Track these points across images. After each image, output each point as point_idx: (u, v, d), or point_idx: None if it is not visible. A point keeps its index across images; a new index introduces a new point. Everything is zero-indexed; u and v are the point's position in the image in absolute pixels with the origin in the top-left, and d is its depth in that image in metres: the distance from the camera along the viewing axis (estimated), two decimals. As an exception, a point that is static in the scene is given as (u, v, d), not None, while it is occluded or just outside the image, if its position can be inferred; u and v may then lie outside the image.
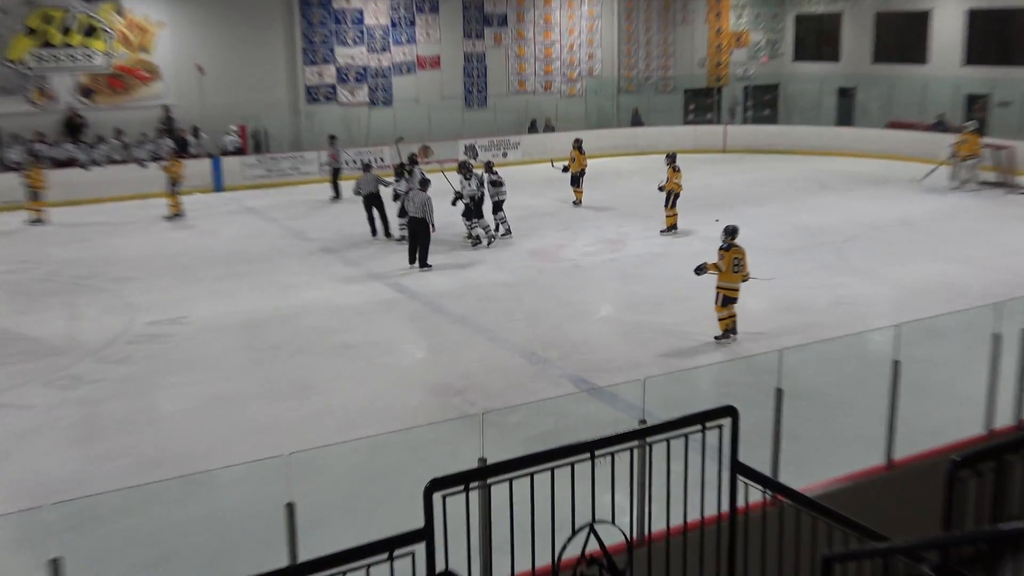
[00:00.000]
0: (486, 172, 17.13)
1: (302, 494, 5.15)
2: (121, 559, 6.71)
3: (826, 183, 22.61)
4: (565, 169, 20.57)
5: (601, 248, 16.21)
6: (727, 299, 11.13)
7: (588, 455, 4.42)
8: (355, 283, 14.21)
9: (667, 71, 31.62)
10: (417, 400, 9.56)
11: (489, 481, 4.41)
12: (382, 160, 24.45)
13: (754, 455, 5.29)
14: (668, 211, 17.28)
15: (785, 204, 19.97)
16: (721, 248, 11.24)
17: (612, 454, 4.52)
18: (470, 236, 16.53)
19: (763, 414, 6.23)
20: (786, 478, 5.82)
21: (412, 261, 14.95)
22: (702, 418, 4.72)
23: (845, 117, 30.15)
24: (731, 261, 11.06)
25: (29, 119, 22.70)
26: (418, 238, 14.90)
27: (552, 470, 4.36)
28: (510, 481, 4.30)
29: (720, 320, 11.20)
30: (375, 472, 7.59)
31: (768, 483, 5.06)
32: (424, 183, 15.47)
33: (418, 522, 4.05)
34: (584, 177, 20.62)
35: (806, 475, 6.27)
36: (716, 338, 11.17)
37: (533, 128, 28.74)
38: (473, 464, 4.73)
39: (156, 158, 22.59)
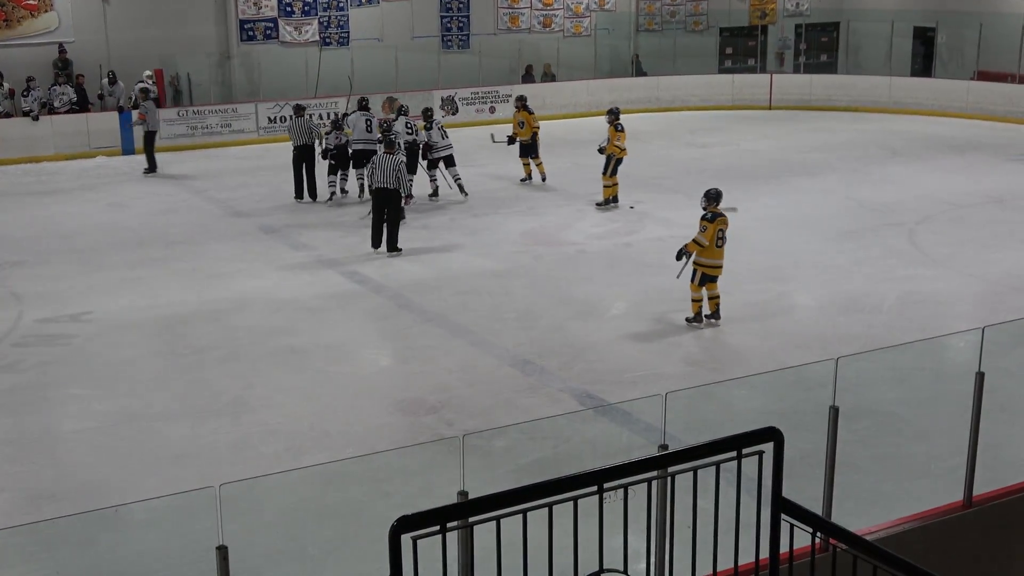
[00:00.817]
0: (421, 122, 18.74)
1: (236, 535, 5.23)
2: (7, 617, 6.79)
3: (897, 149, 22.79)
4: (512, 140, 19.83)
5: (612, 230, 16.31)
6: (706, 277, 11.68)
7: (595, 488, 4.49)
8: (304, 271, 14.28)
9: (698, 5, 31.73)
10: (381, 419, 9.64)
11: (471, 520, 4.48)
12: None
13: (802, 489, 5.37)
14: (607, 180, 17.68)
15: (845, 175, 20.13)
16: (704, 218, 11.65)
17: (625, 487, 4.58)
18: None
19: (814, 439, 6.32)
20: (840, 518, 5.92)
21: (377, 244, 15.02)
22: (738, 443, 4.79)
23: (922, 66, 30.30)
24: (715, 233, 11.53)
25: None
26: (386, 214, 14.94)
27: (550, 507, 4.43)
28: (497, 520, 4.37)
29: (694, 301, 11.78)
30: (328, 509, 7.67)
31: (818, 523, 5.13)
32: (391, 144, 15.54)
33: (383, 571, 4.13)
34: (539, 143, 19.70)
35: (865, 514, 6.39)
36: (688, 320, 11.83)
37: (529, 76, 28.79)
38: (451, 499, 4.82)
39: (50, 110, 22.62)
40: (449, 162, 18.45)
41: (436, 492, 5.21)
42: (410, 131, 18.39)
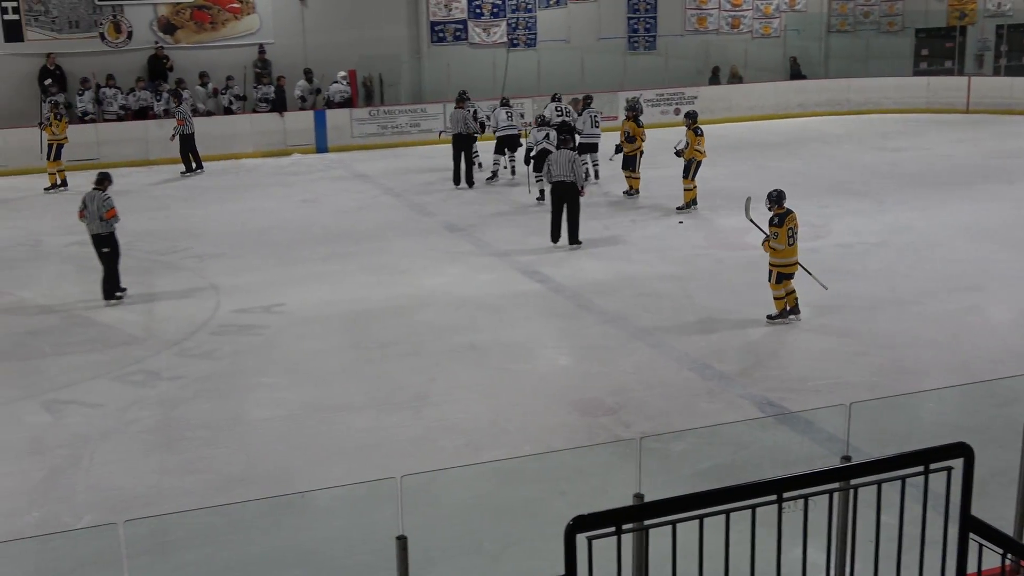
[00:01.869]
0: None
1: (415, 526, 5.34)
2: (197, 593, 7.10)
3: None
4: (619, 150, 19.06)
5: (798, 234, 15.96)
6: (782, 276, 11.87)
7: (774, 497, 4.42)
8: (485, 270, 14.47)
9: (893, 5, 30.76)
10: (558, 419, 9.69)
11: (646, 523, 4.46)
12: (522, 116, 24.73)
13: (992, 509, 5.17)
14: (687, 183, 17.43)
15: (1048, 183, 19.21)
16: (773, 224, 11.81)
17: (805, 497, 4.50)
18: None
19: (1006, 456, 6.08)
20: (1034, 540, 5.67)
21: (556, 238, 15.13)
22: (925, 458, 4.65)
23: None
24: (787, 233, 11.71)
25: (103, 59, 23.98)
26: (565, 208, 15.05)
27: (727, 514, 4.38)
28: (673, 525, 4.35)
29: (776, 299, 11.93)
30: (504, 505, 7.75)
31: (1010, 545, 4.94)
32: (565, 140, 15.71)
33: (556, 569, 4.15)
34: (639, 158, 18.76)
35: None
36: (769, 317, 11.94)
37: (715, 78, 28.47)
38: (627, 501, 4.80)
39: (254, 109, 23.57)
40: (591, 149, 19.74)
41: (611, 493, 5.20)
42: (560, 113, 20.29)
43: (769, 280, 12.02)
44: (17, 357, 11.55)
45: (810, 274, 12.32)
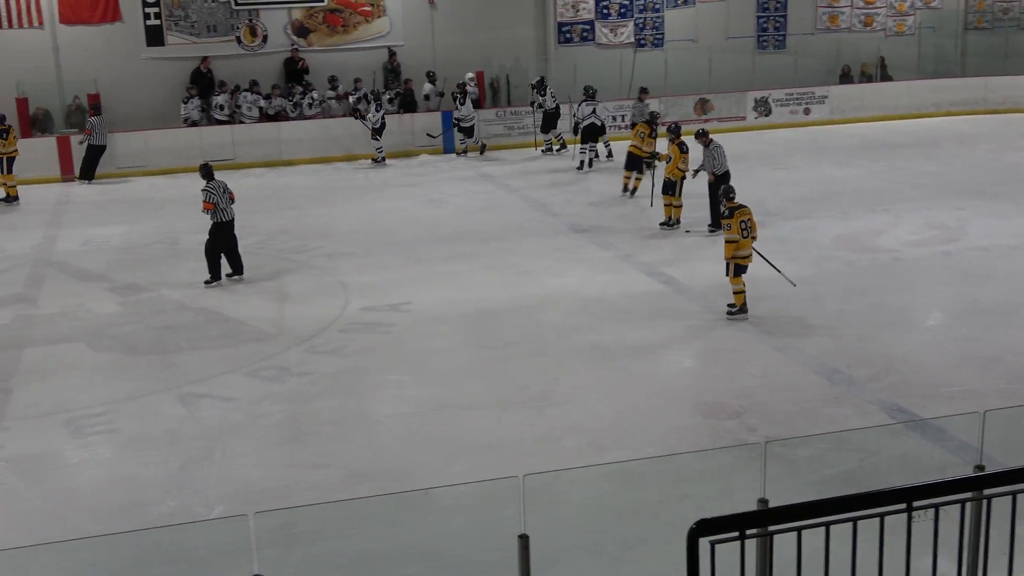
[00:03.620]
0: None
1: (536, 525, 5.35)
2: (323, 586, 7.23)
3: None
4: (649, 165, 18.58)
5: (932, 236, 15.57)
6: (740, 268, 12.16)
7: (904, 506, 4.32)
8: (609, 270, 14.43)
9: (1035, 0, 29.75)
10: (682, 421, 9.62)
11: (771, 529, 4.41)
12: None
13: None
14: (674, 200, 16.56)
15: None
16: (723, 216, 12.42)
17: (936, 507, 4.39)
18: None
19: None
20: None
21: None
22: (1063, 469, 4.50)
23: None
24: (739, 225, 12.04)
25: (240, 62, 24.62)
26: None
27: (855, 521, 4.30)
28: (798, 531, 4.28)
29: (736, 293, 12.20)
30: (626, 506, 7.72)
31: None
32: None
33: (678, 572, 4.12)
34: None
35: None
36: (729, 314, 12.18)
37: (846, 77, 27.90)
38: (751, 506, 4.75)
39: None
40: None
41: (735, 498, 5.15)
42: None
43: (727, 273, 12.24)
44: (155, 351, 11.93)
45: (778, 271, 12.58)
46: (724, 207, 12.37)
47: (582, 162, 22.12)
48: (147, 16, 24.31)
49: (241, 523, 5.56)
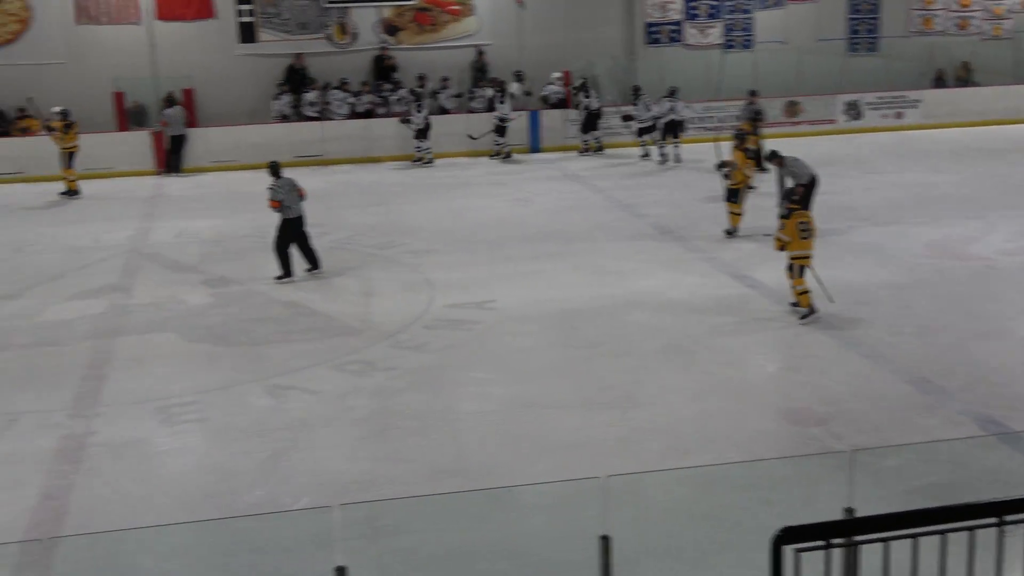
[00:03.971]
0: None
1: (618, 526, 5.36)
2: (404, 579, 7.31)
3: None
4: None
5: (1028, 244, 15.26)
6: (802, 269, 12.22)
7: (995, 521, 4.26)
8: (695, 272, 14.35)
9: None
10: (766, 426, 9.54)
11: (857, 539, 4.37)
12: (736, 119, 24.41)
13: None
14: (736, 207, 16.22)
15: None
16: (781, 216, 12.39)
17: (1029, 522, 4.32)
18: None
19: None
20: None
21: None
22: None
23: None
24: (796, 227, 12.10)
25: (331, 60, 24.93)
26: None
27: (943, 534, 4.24)
28: (885, 542, 4.24)
29: (800, 294, 12.21)
30: (708, 510, 7.70)
31: None
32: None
33: (762, 579, 4.11)
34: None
35: None
36: (801, 319, 12.15)
37: (940, 82, 27.40)
38: (836, 515, 4.71)
39: (470, 109, 24.08)
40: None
41: (819, 506, 5.11)
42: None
43: (789, 273, 12.29)
44: (244, 343, 12.15)
45: (820, 283, 12.29)
46: (784, 207, 12.44)
47: (664, 156, 22.51)
48: (240, 13, 24.75)
49: (325, 514, 5.67)
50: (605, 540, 5.29)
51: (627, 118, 23.71)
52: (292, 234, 14.39)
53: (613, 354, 11.37)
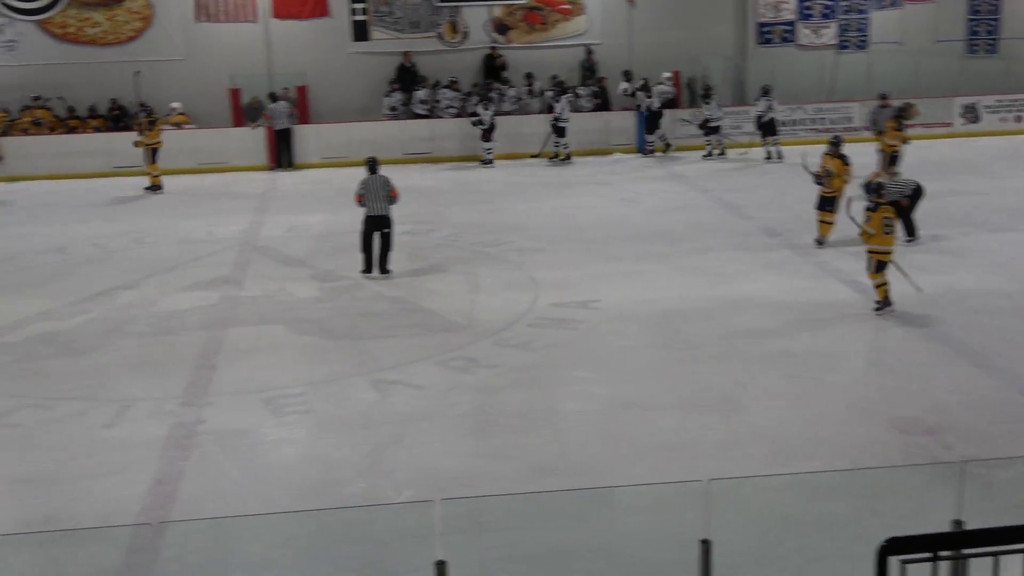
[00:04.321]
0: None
1: (719, 531, 5.32)
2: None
3: None
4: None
5: None
6: (881, 264, 12.30)
7: (1113, 538, 4.13)
8: (804, 277, 14.14)
9: None
10: (873, 434, 9.35)
11: (965, 552, 4.27)
12: (849, 120, 24.06)
13: None
14: (830, 216, 15.66)
15: None
16: (868, 209, 12.39)
17: None
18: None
19: None
20: None
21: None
22: None
23: None
24: (880, 221, 12.21)
25: (441, 58, 25.16)
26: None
27: (1059, 552, 4.13)
28: (995, 557, 4.13)
29: (878, 287, 12.34)
30: (812, 518, 7.57)
31: None
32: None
33: (866, 590, 4.04)
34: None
35: None
36: (876, 310, 12.32)
37: (1064, 84, 26.61)
38: (943, 527, 4.61)
39: (575, 108, 24.07)
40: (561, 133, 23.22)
41: (927, 517, 4.99)
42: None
43: (869, 269, 12.48)
44: (351, 337, 12.33)
45: (905, 275, 12.26)
46: (871, 200, 12.45)
47: (769, 153, 22.66)
48: (354, 12, 25.12)
49: (427, 509, 5.70)
50: (705, 544, 5.25)
51: (705, 123, 23.68)
52: (371, 231, 14.57)
53: (716, 357, 11.27)
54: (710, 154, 23.63)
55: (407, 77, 24.90)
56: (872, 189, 12.54)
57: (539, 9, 25.61)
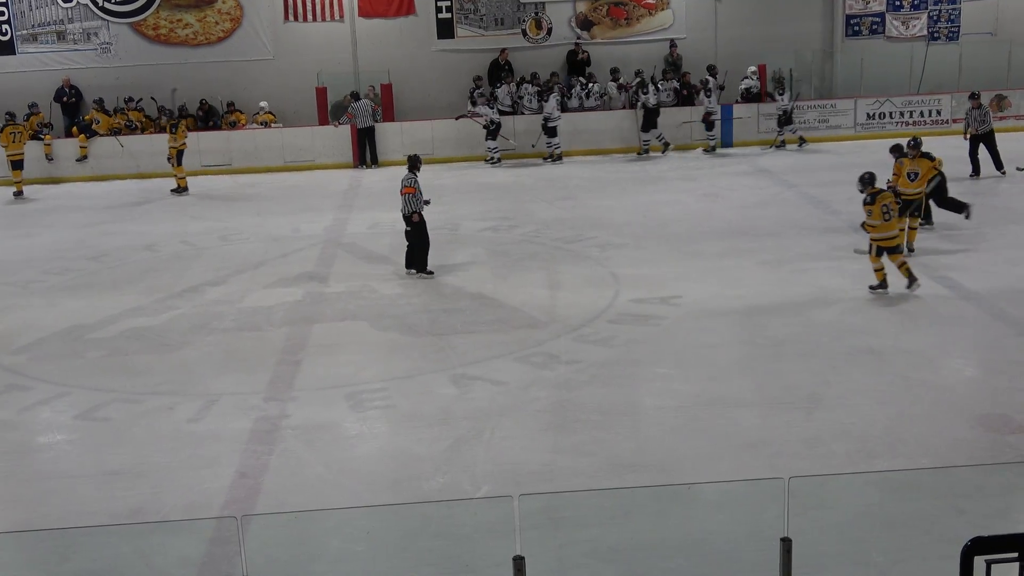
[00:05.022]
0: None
1: (800, 529, 5.23)
2: (581, 572, 7.30)
3: None
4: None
5: None
6: (881, 248, 12.71)
7: None
8: (890, 272, 13.84)
9: None
10: (960, 433, 9.14)
11: (1053, 553, 4.14)
12: (938, 113, 23.57)
13: None
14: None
15: None
16: (865, 203, 12.67)
17: None
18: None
19: None
20: None
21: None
22: None
23: None
24: (880, 210, 12.51)
25: (525, 55, 25.20)
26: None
27: None
28: (1084, 559, 4.01)
29: (876, 271, 12.80)
30: (896, 516, 7.43)
31: None
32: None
33: (949, 590, 3.94)
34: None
35: None
36: (871, 288, 12.82)
37: None
38: (1031, 527, 4.49)
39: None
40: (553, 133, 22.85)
41: (1015, 517, 4.87)
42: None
43: (869, 253, 12.88)
44: (432, 332, 12.38)
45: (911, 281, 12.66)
46: (867, 193, 12.67)
47: (802, 139, 23.53)
48: (439, 9, 25.26)
49: (506, 504, 5.71)
50: (786, 542, 5.18)
51: (786, 121, 23.73)
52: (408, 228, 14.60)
53: (800, 353, 11.12)
54: (782, 144, 23.62)
55: (500, 74, 24.93)
56: (866, 181, 12.74)
57: (623, 5, 25.51)
